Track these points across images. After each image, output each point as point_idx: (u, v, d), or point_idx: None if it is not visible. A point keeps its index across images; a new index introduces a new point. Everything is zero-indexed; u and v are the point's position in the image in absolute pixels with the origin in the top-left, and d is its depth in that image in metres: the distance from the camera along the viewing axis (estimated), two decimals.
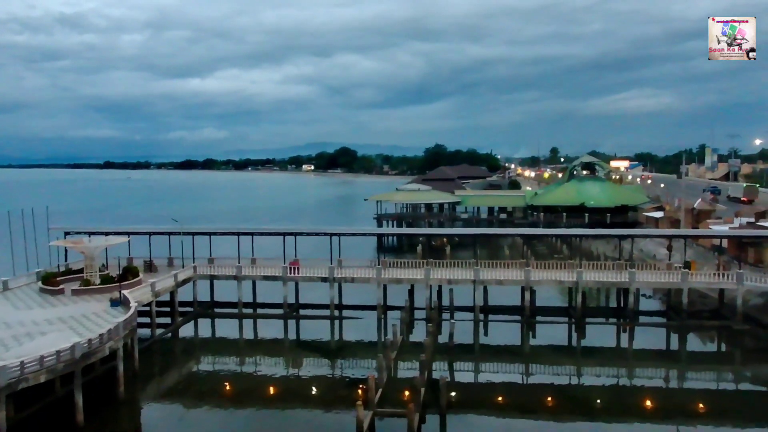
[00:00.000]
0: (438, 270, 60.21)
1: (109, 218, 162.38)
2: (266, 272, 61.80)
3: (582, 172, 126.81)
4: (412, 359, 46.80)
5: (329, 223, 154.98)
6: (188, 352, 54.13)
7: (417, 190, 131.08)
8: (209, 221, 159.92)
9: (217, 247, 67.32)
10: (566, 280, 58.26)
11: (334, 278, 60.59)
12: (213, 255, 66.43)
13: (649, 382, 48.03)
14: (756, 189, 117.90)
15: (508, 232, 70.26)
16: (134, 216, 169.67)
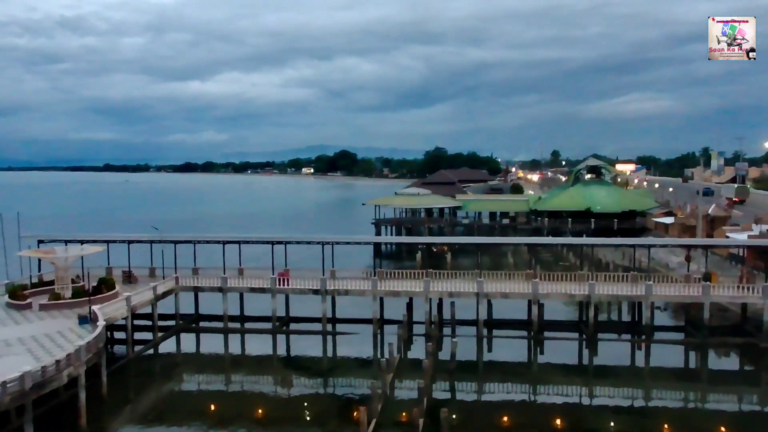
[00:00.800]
0: (438, 282, 55.85)
1: (99, 223, 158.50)
2: (254, 284, 57.48)
3: (587, 176, 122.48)
4: (409, 383, 43.05)
5: (327, 228, 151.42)
6: (167, 371, 49.59)
7: (416, 194, 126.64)
8: (204, 225, 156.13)
9: (201, 256, 62.96)
10: (577, 294, 53.88)
11: (327, 290, 56.27)
12: (198, 265, 62.11)
13: (667, 403, 44.19)
14: (747, 189, 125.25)
15: (513, 241, 65.44)
16: (126, 221, 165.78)
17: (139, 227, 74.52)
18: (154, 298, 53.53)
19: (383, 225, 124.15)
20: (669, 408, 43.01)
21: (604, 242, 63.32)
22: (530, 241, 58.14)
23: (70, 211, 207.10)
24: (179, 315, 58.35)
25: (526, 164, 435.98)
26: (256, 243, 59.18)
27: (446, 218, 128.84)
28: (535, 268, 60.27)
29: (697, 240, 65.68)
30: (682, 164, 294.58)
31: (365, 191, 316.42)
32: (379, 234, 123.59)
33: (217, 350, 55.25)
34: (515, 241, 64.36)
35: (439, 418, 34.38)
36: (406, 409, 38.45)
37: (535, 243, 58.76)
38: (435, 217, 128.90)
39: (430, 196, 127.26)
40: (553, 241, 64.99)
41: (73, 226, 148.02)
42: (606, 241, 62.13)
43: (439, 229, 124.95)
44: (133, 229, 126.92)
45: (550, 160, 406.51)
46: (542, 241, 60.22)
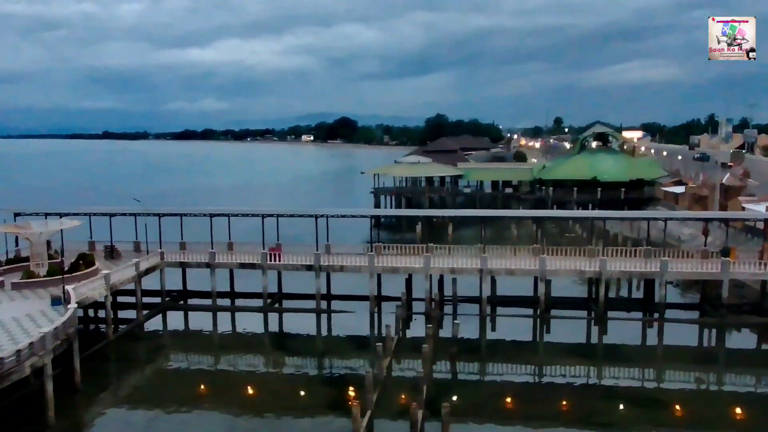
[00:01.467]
0: (439, 258, 52.50)
1: (92, 194, 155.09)
2: (243, 259, 54.16)
3: (593, 144, 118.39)
4: (409, 365, 41.09)
5: (326, 197, 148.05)
6: (151, 353, 46.43)
7: (417, 163, 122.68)
8: (200, 196, 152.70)
9: (189, 230, 59.57)
10: (588, 270, 50.53)
11: (321, 267, 52.97)
12: (185, 239, 58.78)
13: (681, 385, 41.62)
14: (742, 154, 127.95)
15: (519, 214, 61.29)
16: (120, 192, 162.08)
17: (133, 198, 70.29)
18: (137, 275, 50.30)
19: (382, 195, 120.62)
20: (683, 390, 40.43)
21: (616, 215, 59.36)
22: (538, 215, 54.38)
23: (64, 180, 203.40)
24: (165, 292, 55.15)
25: (529, 132, 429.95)
26: (245, 216, 55.70)
27: (447, 187, 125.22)
28: (541, 241, 56.72)
29: (717, 213, 61.60)
30: (688, 132, 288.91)
31: (365, 160, 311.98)
32: (378, 204, 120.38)
33: (204, 329, 52.34)
34: (521, 215, 60.24)
35: (439, 402, 32.08)
36: (405, 393, 36.19)
37: (542, 216, 54.91)
38: (436, 187, 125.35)
39: (431, 165, 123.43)
40: (562, 215, 60.92)
41: (64, 198, 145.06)
42: (619, 214, 58.29)
43: (441, 199, 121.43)
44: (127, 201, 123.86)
45: (552, 128, 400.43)
46: (550, 215, 56.27)
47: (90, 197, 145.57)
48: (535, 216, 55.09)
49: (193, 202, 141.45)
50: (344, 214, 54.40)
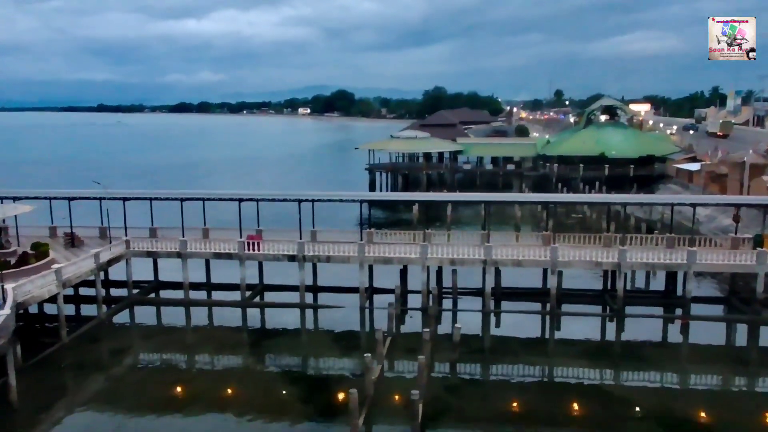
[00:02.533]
0: (437, 247, 46.77)
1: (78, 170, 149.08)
2: (219, 248, 48.45)
3: (601, 117, 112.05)
4: (404, 366, 37.23)
5: (320, 173, 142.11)
6: (111, 357, 40.89)
7: (414, 137, 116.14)
8: (192, 171, 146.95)
9: (163, 214, 53.88)
10: (605, 262, 44.87)
11: (305, 257, 47.28)
12: (157, 224, 53.14)
13: (708, 389, 37.12)
14: (731, 125, 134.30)
15: (527, 199, 54.50)
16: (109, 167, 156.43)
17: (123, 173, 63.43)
18: (97, 267, 44.57)
19: (378, 171, 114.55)
20: (710, 394, 36.09)
21: (636, 200, 53.01)
22: (549, 200, 48.37)
23: (52, 155, 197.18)
24: (132, 284, 49.51)
25: (528, 104, 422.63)
26: (221, 200, 49.83)
27: (446, 163, 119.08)
28: (550, 224, 51.04)
29: (753, 198, 54.83)
30: (693, 104, 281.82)
31: (362, 133, 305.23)
32: (374, 181, 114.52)
33: (176, 326, 46.90)
34: (530, 200, 53.75)
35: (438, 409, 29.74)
36: (400, 397, 32.40)
37: (554, 201, 48.86)
38: (434, 162, 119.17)
39: (429, 140, 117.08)
40: (575, 199, 54.49)
41: (48, 173, 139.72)
42: (640, 198, 51.95)
43: (439, 176, 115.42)
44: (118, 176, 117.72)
45: (553, 100, 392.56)
46: (562, 200, 50.01)
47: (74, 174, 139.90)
48: (546, 201, 48.95)
49: (183, 177, 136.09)
50: (331, 198, 48.53)
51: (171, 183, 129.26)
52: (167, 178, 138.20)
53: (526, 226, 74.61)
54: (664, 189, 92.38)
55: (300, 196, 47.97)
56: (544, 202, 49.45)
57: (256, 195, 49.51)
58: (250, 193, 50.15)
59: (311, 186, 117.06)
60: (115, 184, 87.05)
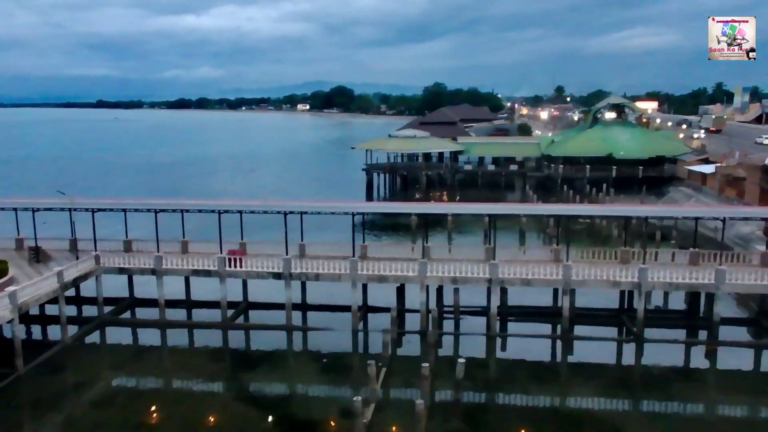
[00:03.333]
0: (438, 264, 42.34)
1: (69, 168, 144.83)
2: (197, 264, 44.07)
3: (608, 116, 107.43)
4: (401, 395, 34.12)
5: (316, 173, 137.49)
6: (75, 389, 36.51)
7: (413, 136, 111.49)
8: (185, 169, 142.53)
9: (138, 224, 49.59)
10: (624, 281, 40.48)
11: (292, 274, 42.89)
12: (132, 236, 48.91)
13: (737, 420, 33.46)
14: (723, 120, 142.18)
15: (540, 212, 48.76)
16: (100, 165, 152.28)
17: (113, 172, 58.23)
18: (60, 287, 40.20)
19: (375, 172, 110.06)
20: (740, 426, 32.59)
21: (660, 213, 48.11)
22: (562, 212, 43.73)
23: (41, 153, 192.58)
24: (103, 302, 45.20)
25: (529, 100, 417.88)
26: (200, 212, 45.34)
27: (447, 163, 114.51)
28: (561, 238, 46.57)
29: None
30: (696, 101, 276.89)
31: (362, 130, 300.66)
32: (371, 182, 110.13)
33: (150, 350, 42.64)
34: (541, 212, 48.88)
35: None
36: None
37: (568, 214, 44.10)
38: (434, 162, 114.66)
39: (429, 139, 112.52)
40: (594, 212, 49.42)
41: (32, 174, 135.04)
42: (664, 211, 46.98)
43: (439, 177, 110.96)
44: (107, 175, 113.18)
45: (554, 96, 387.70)
46: (577, 212, 45.12)
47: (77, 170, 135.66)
48: (559, 214, 44.23)
49: (176, 175, 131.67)
50: (320, 211, 43.99)
51: (163, 182, 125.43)
52: (159, 176, 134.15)
53: (532, 233, 70.37)
54: (675, 192, 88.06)
55: (286, 207, 43.43)
56: (557, 215, 44.80)
57: (238, 206, 45.07)
58: (230, 204, 45.70)
59: (306, 186, 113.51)
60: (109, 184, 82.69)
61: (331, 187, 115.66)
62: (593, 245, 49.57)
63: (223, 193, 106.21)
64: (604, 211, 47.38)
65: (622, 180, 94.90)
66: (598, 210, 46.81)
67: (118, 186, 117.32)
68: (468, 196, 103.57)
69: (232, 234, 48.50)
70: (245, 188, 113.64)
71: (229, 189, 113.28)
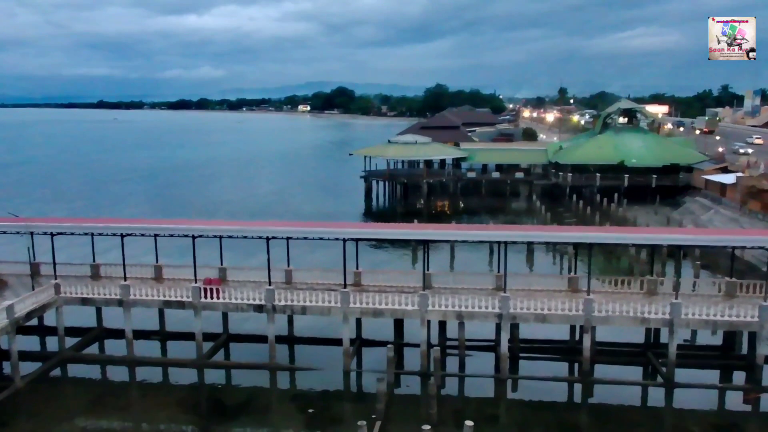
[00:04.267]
0: (440, 296, 37.28)
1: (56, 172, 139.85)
2: (169, 294, 39.03)
3: (619, 121, 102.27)
4: None
5: (311, 181, 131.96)
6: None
7: (414, 142, 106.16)
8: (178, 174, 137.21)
9: (109, 245, 44.54)
10: (654, 318, 35.45)
11: (275, 307, 37.89)
12: (100, 259, 44.03)
13: None
14: (716, 122, 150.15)
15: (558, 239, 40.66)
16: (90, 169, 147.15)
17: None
18: (10, 323, 35.19)
19: (374, 179, 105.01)
20: None
21: (699, 242, 41.08)
22: (585, 239, 37.80)
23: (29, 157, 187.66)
24: (66, 333, 40.23)
25: (531, 101, 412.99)
26: (170, 236, 40.27)
27: (448, 170, 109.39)
28: (580, 263, 41.51)
29: None
30: (702, 103, 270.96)
31: (362, 131, 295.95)
32: (370, 190, 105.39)
33: (116, 390, 37.63)
34: (561, 239, 42.05)
35: None
36: None
37: (593, 242, 38.17)
38: (435, 170, 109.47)
39: (430, 145, 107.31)
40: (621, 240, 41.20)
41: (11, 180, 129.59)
42: (704, 239, 40.12)
43: (441, 185, 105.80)
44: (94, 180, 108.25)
45: (556, 98, 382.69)
46: (602, 240, 38.41)
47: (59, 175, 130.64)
48: (582, 242, 38.42)
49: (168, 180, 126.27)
50: (306, 236, 38.72)
51: (151, 189, 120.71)
52: (150, 183, 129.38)
53: (542, 248, 65.20)
54: (692, 203, 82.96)
55: (269, 232, 38.20)
56: (579, 243, 39.21)
57: (215, 230, 39.91)
58: (206, 228, 40.24)
59: (303, 194, 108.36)
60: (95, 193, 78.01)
61: (328, 195, 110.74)
62: (613, 269, 44.51)
63: (215, 203, 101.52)
64: (633, 239, 41.51)
65: (635, 189, 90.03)
66: (627, 237, 40.78)
67: (106, 195, 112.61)
68: (471, 204, 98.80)
69: (212, 257, 43.65)
70: (239, 197, 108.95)
71: (222, 198, 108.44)
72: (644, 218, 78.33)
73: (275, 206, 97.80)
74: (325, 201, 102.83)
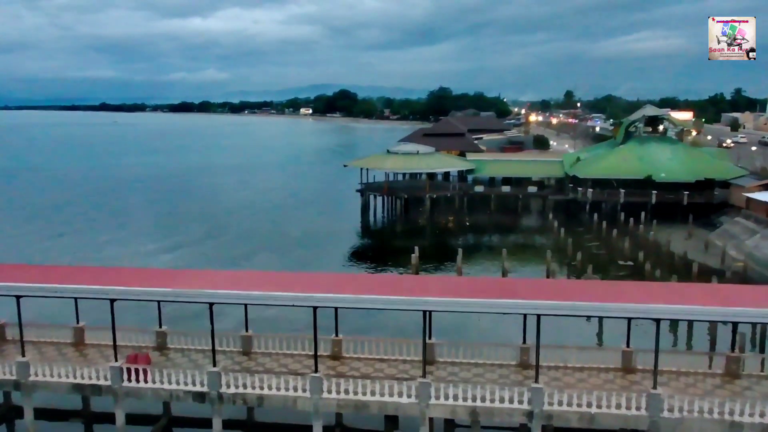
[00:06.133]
0: (444, 383, 27.17)
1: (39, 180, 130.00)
2: (81, 376, 28.94)
3: (643, 130, 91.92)
4: None
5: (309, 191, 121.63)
6: None
7: (416, 152, 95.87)
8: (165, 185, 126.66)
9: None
10: (747, 421, 25.21)
11: (222, 396, 27.82)
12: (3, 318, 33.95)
13: None
14: (701, 123, 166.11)
15: (604, 312, 28.05)
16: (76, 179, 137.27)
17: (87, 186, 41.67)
18: None
19: (372, 194, 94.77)
20: None
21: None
22: (638, 313, 26.31)
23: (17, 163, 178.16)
24: None
25: (536, 105, 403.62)
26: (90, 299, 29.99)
27: (453, 183, 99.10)
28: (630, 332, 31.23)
29: None
30: (717, 108, 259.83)
31: (364, 135, 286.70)
32: (367, 207, 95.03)
33: None
34: (608, 313, 29.27)
35: None
36: None
37: (658, 317, 26.92)
38: (439, 182, 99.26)
39: (433, 156, 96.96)
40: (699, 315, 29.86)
41: None
42: None
43: (446, 200, 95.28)
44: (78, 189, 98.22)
45: (563, 101, 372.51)
46: (660, 314, 26.77)
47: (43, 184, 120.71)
48: (632, 317, 27.36)
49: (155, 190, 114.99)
50: (267, 302, 28.33)
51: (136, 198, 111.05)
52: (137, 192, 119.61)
53: None
54: (731, 224, 72.68)
55: (215, 297, 27.90)
56: (632, 317, 27.58)
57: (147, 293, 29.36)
58: (127, 290, 29.79)
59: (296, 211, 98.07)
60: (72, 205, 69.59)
61: (322, 210, 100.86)
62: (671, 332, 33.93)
63: (196, 219, 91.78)
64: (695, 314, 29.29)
65: (664, 207, 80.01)
66: (710, 312, 28.47)
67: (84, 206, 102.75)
68: (479, 222, 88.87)
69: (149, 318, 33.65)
70: (225, 208, 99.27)
71: (206, 211, 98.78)
72: (677, 242, 68.42)
73: (262, 225, 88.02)
74: (318, 218, 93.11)
